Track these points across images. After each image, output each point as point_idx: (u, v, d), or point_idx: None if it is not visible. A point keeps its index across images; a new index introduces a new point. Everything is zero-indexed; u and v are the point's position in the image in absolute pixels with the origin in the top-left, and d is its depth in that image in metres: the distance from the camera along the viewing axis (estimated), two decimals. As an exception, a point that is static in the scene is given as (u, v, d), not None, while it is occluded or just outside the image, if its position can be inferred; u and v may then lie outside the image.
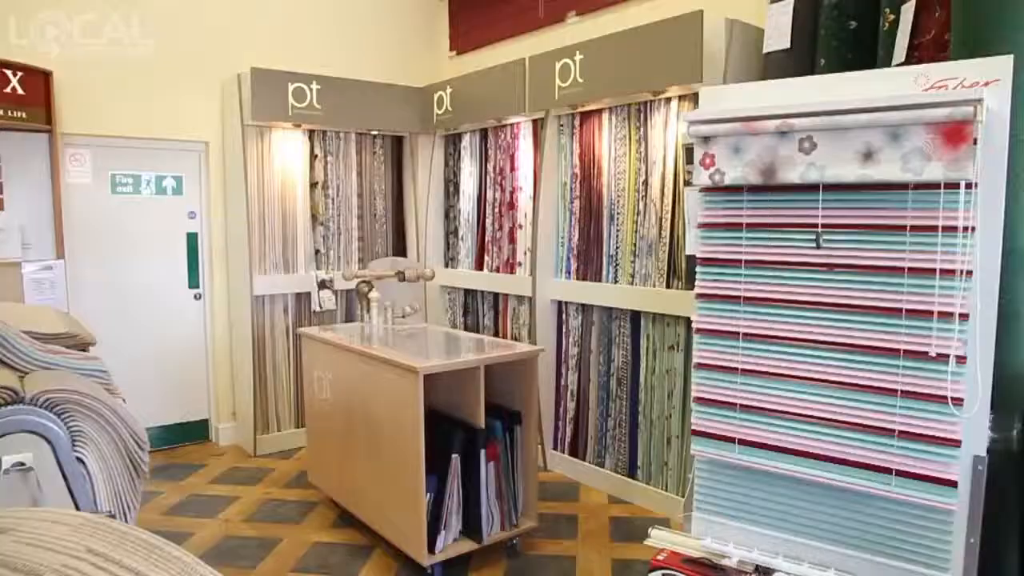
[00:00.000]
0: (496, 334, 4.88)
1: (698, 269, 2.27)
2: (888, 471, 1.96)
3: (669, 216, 3.67)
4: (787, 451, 2.13)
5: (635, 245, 3.87)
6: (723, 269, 2.22)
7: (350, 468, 3.50)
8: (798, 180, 2.00)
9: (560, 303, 4.38)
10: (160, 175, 4.69)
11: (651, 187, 3.77)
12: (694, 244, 2.29)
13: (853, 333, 2.00)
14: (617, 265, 3.99)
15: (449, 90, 4.86)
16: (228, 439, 4.92)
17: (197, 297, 4.86)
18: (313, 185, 4.97)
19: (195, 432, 4.93)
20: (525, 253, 4.58)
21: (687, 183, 2.32)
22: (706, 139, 2.14)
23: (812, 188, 2.02)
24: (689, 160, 2.29)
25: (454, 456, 3.06)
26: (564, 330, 4.36)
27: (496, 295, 4.87)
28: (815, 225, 2.04)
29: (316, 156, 4.97)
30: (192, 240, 4.83)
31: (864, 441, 1.99)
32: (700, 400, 2.31)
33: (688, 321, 3.62)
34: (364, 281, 3.99)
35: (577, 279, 4.24)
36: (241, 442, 4.87)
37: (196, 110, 4.68)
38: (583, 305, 4.22)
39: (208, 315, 4.89)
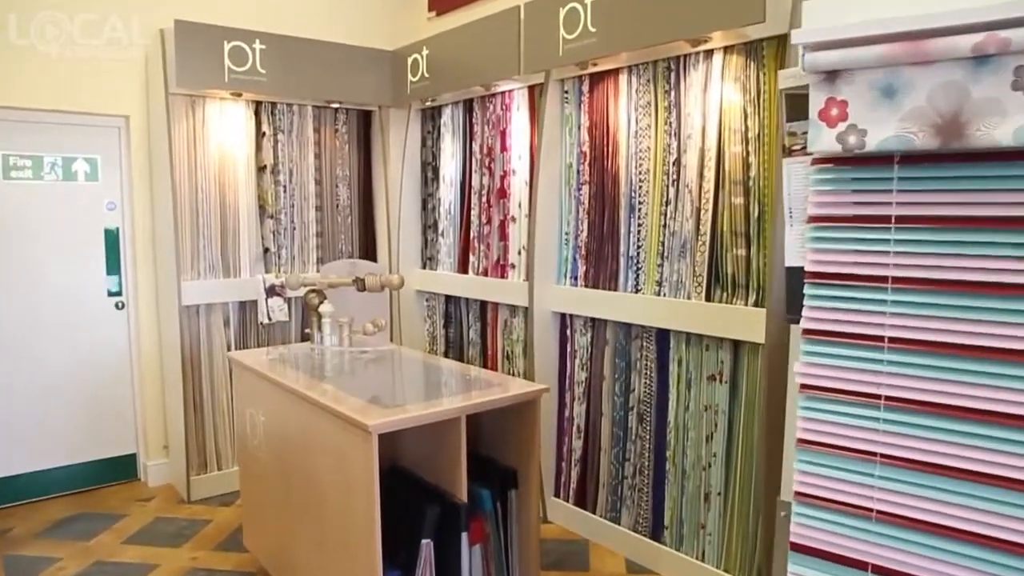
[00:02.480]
0: (484, 351, 4.01)
1: (807, 290, 1.40)
2: None
3: (710, 206, 2.80)
4: (964, 596, 1.29)
5: (663, 244, 3.01)
6: (852, 292, 1.36)
7: (288, 538, 2.64)
8: (1011, 142, 1.14)
9: (564, 316, 3.51)
10: (68, 157, 3.79)
11: (685, 168, 2.90)
12: (798, 249, 1.43)
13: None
14: (639, 269, 3.13)
15: (426, 52, 3.97)
16: (160, 478, 4.04)
17: (119, 306, 3.97)
18: (261, 169, 4.08)
19: (120, 470, 4.05)
20: (519, 253, 3.71)
21: (788, 152, 1.45)
22: (831, 75, 1.28)
23: (1034, 155, 1.17)
24: (794, 115, 1.42)
25: (424, 542, 2.21)
26: (569, 349, 3.49)
27: (484, 303, 4.00)
28: (1037, 220, 1.18)
29: (264, 134, 4.07)
30: (111, 237, 3.93)
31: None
32: (805, 498, 1.46)
33: (736, 344, 2.76)
34: (314, 290, 3.11)
35: (586, 286, 3.37)
36: (175, 481, 4.00)
37: (112, 75, 3.75)
38: (594, 319, 3.35)
39: (133, 328, 3.99)
